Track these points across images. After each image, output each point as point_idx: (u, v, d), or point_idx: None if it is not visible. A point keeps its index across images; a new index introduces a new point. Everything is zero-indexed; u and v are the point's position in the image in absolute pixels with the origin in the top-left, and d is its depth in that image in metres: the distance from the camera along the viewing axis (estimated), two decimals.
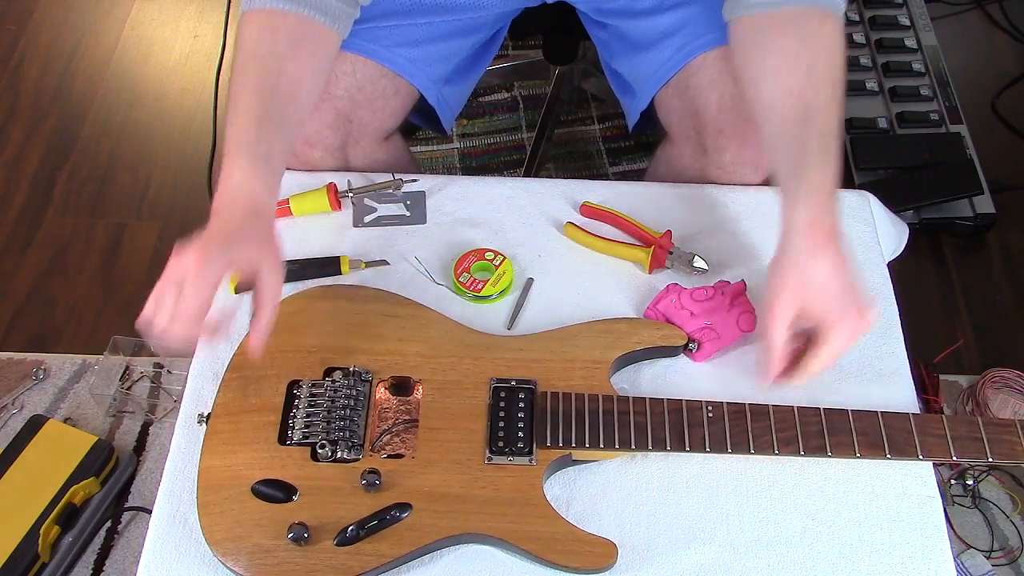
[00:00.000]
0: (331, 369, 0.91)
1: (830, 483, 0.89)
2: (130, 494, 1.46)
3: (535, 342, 0.94)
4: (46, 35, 2.18)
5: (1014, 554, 1.41)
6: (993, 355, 1.63)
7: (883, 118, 1.93)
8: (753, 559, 0.85)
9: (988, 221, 1.79)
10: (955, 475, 1.46)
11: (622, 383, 0.95)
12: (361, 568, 0.80)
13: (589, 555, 0.82)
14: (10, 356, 1.61)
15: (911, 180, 1.80)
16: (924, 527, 0.87)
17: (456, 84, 1.26)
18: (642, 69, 1.16)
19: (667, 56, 1.11)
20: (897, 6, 2.13)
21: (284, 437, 0.87)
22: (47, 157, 1.93)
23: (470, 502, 0.84)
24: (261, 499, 0.83)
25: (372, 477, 0.83)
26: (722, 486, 0.89)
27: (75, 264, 1.76)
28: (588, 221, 1.08)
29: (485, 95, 2.03)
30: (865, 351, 0.98)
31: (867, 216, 1.09)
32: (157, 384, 1.57)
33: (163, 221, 1.82)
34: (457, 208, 1.09)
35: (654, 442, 0.87)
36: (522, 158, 1.89)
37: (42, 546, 1.33)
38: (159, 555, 0.84)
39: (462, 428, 0.88)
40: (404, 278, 1.03)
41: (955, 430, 0.88)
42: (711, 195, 1.10)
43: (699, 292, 0.96)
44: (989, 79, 2.07)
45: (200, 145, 1.92)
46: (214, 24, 2.19)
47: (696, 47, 1.09)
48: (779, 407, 0.88)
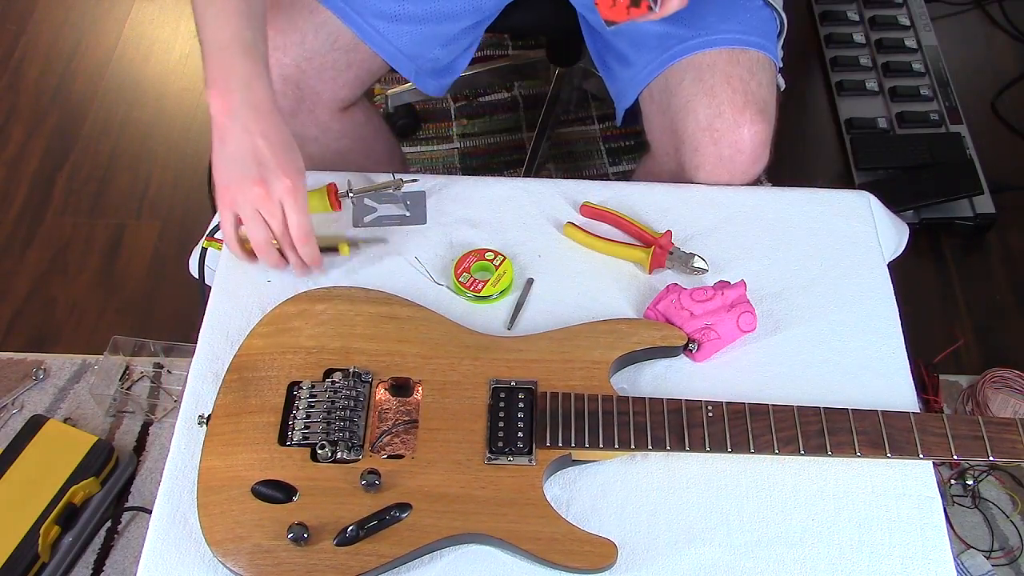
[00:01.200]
0: (331, 370, 0.91)
1: (830, 483, 0.89)
2: (130, 494, 1.46)
3: (535, 342, 0.94)
4: (46, 35, 2.18)
5: (1014, 554, 1.41)
6: (993, 355, 1.63)
7: (883, 118, 1.93)
8: (753, 559, 0.85)
9: (988, 221, 1.79)
10: (955, 475, 1.46)
11: (622, 383, 0.95)
12: (361, 568, 0.80)
13: (589, 555, 0.82)
14: (10, 356, 1.61)
15: (911, 180, 1.80)
16: (924, 527, 0.87)
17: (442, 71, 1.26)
18: (630, 64, 1.17)
19: (651, 58, 1.13)
20: (897, 6, 2.13)
21: (284, 438, 0.87)
22: (47, 157, 1.93)
23: (470, 502, 0.84)
24: (261, 499, 0.83)
25: (372, 477, 0.83)
26: (722, 486, 0.89)
27: (75, 264, 1.76)
28: (588, 221, 1.08)
29: (485, 95, 2.03)
30: (865, 351, 0.98)
31: (867, 216, 1.09)
32: (157, 384, 1.57)
33: (163, 221, 1.82)
34: (457, 208, 1.09)
35: (654, 442, 0.87)
36: (522, 158, 1.89)
37: (42, 546, 1.33)
38: (159, 555, 0.84)
39: (462, 428, 0.88)
40: (404, 278, 1.03)
41: (956, 429, 0.88)
42: (711, 195, 1.10)
43: (699, 292, 0.96)
44: (989, 79, 2.07)
45: (200, 145, 1.92)
46: None
47: (680, 50, 1.10)
48: (779, 407, 0.88)
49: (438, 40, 1.20)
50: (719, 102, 1.06)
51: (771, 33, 1.15)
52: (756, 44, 1.10)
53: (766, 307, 1.01)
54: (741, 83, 1.07)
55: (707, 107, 1.07)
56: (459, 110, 2.01)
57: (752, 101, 1.07)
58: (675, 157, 1.14)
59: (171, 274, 1.73)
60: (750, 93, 1.07)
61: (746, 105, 1.06)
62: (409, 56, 1.18)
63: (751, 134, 1.07)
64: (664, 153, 1.17)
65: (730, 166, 1.09)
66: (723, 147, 1.07)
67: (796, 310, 1.01)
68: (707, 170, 1.10)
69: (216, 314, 0.99)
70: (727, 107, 1.06)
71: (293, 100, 1.14)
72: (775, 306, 1.01)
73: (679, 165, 1.13)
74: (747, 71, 1.08)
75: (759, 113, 1.07)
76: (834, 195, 1.11)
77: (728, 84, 1.07)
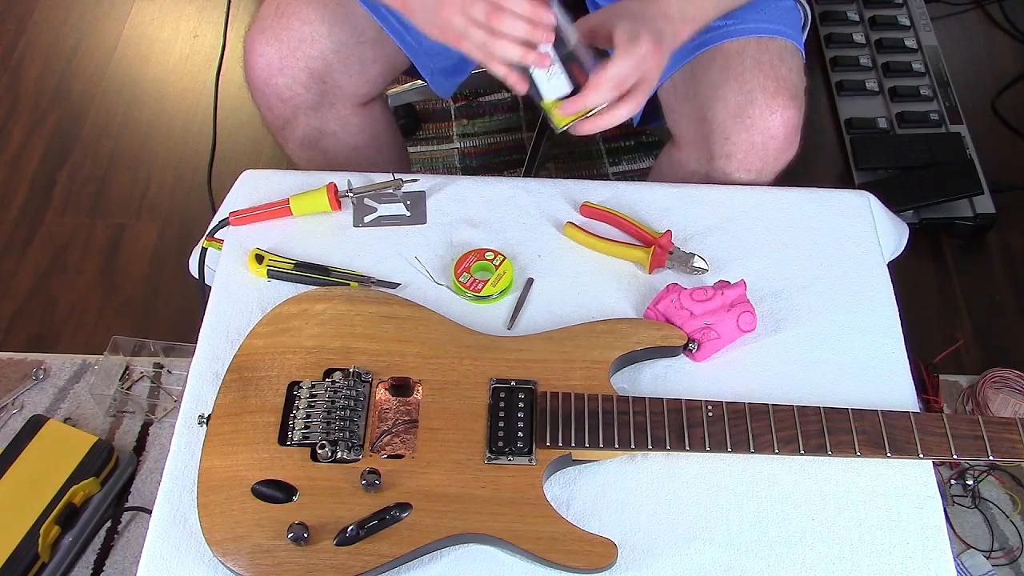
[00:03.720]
0: (331, 370, 0.91)
1: (830, 483, 0.89)
2: (130, 494, 1.46)
3: (535, 342, 0.94)
4: (46, 35, 2.18)
5: (1014, 554, 1.41)
6: (993, 355, 1.63)
7: (883, 118, 1.93)
8: (753, 559, 0.85)
9: (988, 221, 1.79)
10: (955, 475, 1.46)
11: (622, 383, 0.95)
12: (361, 568, 0.80)
13: (589, 555, 0.82)
14: (10, 356, 1.61)
15: (911, 180, 1.80)
16: (924, 527, 0.87)
17: (454, 70, 1.26)
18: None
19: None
20: (897, 6, 2.13)
21: (284, 438, 0.87)
22: (47, 157, 1.93)
23: (470, 502, 0.84)
24: (261, 499, 0.83)
25: (372, 477, 0.83)
26: (722, 486, 0.89)
27: (75, 264, 1.76)
28: (588, 221, 1.08)
29: (485, 95, 2.03)
30: (865, 351, 0.98)
31: (867, 216, 1.09)
32: (157, 384, 1.57)
33: (163, 221, 1.82)
34: (457, 208, 1.09)
35: (654, 442, 0.87)
36: (522, 158, 1.89)
37: (42, 546, 1.33)
38: (159, 555, 0.84)
39: (462, 428, 0.88)
40: (404, 278, 1.03)
41: (956, 429, 0.88)
42: (711, 195, 1.10)
43: (699, 292, 0.96)
44: (989, 79, 2.07)
45: (200, 145, 1.92)
46: (214, 24, 2.19)
47: (707, 40, 1.09)
48: (779, 406, 0.88)
49: None
50: (750, 88, 1.05)
51: (796, 23, 1.14)
52: (783, 33, 1.09)
53: (766, 307, 1.01)
54: (772, 69, 1.05)
55: (738, 93, 1.05)
56: (459, 110, 2.01)
57: (784, 87, 1.05)
58: (703, 146, 1.12)
59: (171, 274, 1.73)
60: (781, 79, 1.06)
61: (778, 91, 1.05)
62: (429, 54, 1.18)
63: (784, 120, 1.05)
64: (690, 143, 1.15)
65: (762, 153, 1.08)
66: (755, 134, 1.06)
67: (796, 310, 1.01)
68: (739, 158, 1.09)
69: (216, 314, 0.99)
70: (759, 93, 1.05)
71: (316, 94, 1.14)
72: (775, 306, 1.01)
73: (708, 154, 1.12)
74: (777, 57, 1.07)
75: (791, 99, 1.06)
76: (834, 195, 1.11)
77: (759, 70, 1.05)
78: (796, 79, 1.08)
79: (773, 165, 1.09)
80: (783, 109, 1.05)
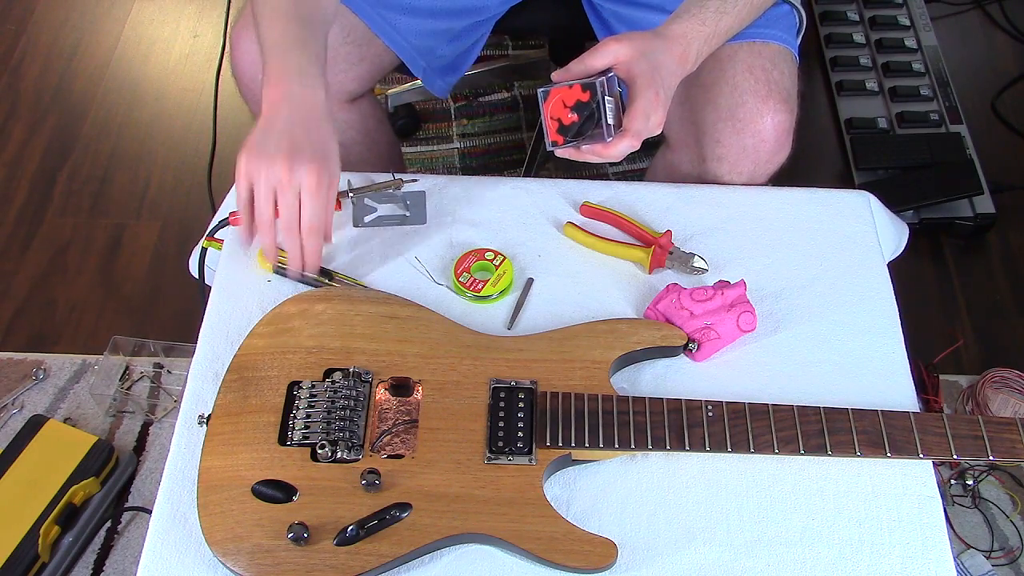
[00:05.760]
0: (331, 370, 0.91)
1: (830, 483, 0.89)
2: (130, 494, 1.46)
3: (535, 342, 0.94)
4: (46, 35, 2.18)
5: (1014, 554, 1.41)
6: (993, 355, 1.63)
7: (883, 118, 1.93)
8: (753, 559, 0.85)
9: (988, 221, 1.79)
10: (955, 475, 1.46)
11: (622, 383, 0.95)
12: (361, 568, 0.80)
13: (589, 555, 0.82)
14: (10, 356, 1.61)
15: (911, 180, 1.80)
16: (924, 527, 0.87)
17: (447, 69, 1.26)
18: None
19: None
20: (897, 6, 2.13)
21: (284, 438, 0.87)
22: (47, 157, 1.93)
23: (470, 502, 0.84)
24: (261, 499, 0.83)
25: (372, 477, 0.83)
26: (722, 486, 0.89)
27: (75, 264, 1.76)
28: (588, 221, 1.08)
29: (485, 95, 2.03)
30: (865, 351, 0.98)
31: (867, 216, 1.09)
32: (157, 384, 1.57)
33: (163, 221, 1.82)
34: (457, 208, 1.09)
35: (654, 442, 0.87)
36: (522, 158, 1.89)
37: (42, 546, 1.33)
38: (159, 555, 0.84)
39: (462, 428, 0.88)
40: (404, 278, 1.03)
41: (956, 429, 0.88)
42: (711, 195, 1.10)
43: (699, 292, 0.96)
44: (989, 79, 2.07)
45: (200, 145, 1.92)
46: (214, 24, 2.19)
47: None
48: (779, 406, 0.88)
49: (446, 36, 1.20)
50: (741, 91, 1.06)
51: (791, 28, 1.14)
52: (777, 37, 1.10)
53: (766, 307, 1.01)
54: (763, 72, 1.06)
55: (728, 96, 1.06)
56: (459, 110, 2.01)
57: (776, 90, 1.06)
58: (695, 148, 1.12)
59: (171, 274, 1.73)
60: (772, 82, 1.06)
61: (769, 94, 1.05)
62: (420, 52, 1.18)
63: (774, 123, 1.06)
64: (683, 145, 1.16)
65: (753, 155, 1.08)
66: (746, 137, 1.07)
67: (796, 310, 1.01)
68: (730, 161, 1.09)
69: (216, 314, 0.99)
70: (750, 96, 1.05)
71: None
72: (775, 306, 1.01)
73: (700, 157, 1.12)
74: (769, 61, 1.07)
75: (783, 102, 1.06)
76: (834, 195, 1.11)
77: (750, 74, 1.06)
78: (788, 83, 1.09)
79: (764, 168, 1.10)
80: (774, 112, 1.06)
